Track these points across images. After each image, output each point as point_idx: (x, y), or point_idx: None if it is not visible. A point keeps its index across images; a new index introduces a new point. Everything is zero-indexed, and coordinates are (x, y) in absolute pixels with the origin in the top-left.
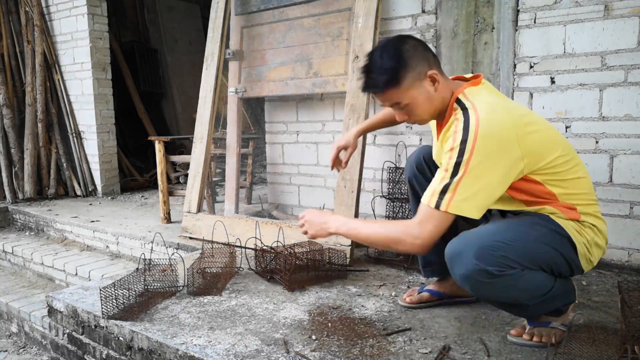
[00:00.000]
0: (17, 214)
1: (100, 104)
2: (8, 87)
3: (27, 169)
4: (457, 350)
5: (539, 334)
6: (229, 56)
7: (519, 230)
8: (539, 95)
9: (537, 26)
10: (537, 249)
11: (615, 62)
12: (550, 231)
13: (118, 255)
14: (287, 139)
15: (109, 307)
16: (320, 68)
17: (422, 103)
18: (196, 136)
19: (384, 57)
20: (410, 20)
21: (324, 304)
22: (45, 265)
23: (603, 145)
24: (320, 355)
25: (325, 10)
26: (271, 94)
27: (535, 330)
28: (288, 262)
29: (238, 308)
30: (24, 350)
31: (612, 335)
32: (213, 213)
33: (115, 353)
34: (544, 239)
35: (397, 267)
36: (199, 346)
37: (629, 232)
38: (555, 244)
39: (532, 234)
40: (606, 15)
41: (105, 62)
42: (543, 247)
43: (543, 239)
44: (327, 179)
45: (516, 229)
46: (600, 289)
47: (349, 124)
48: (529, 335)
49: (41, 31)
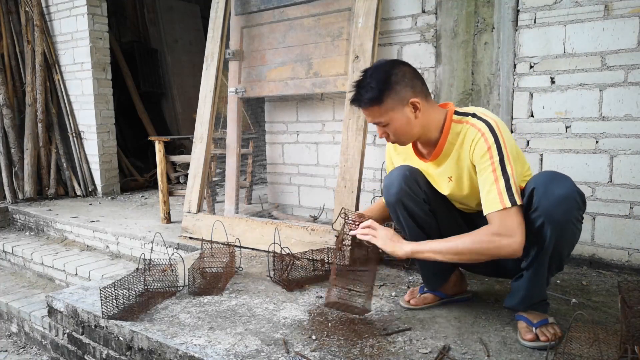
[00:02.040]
0: (17, 214)
1: (100, 104)
2: (8, 87)
3: (27, 169)
4: (457, 350)
5: (543, 332)
6: (229, 56)
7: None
8: (538, 95)
9: (537, 26)
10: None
11: (615, 62)
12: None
13: (118, 255)
14: (287, 139)
15: (109, 307)
16: (320, 68)
17: (401, 126)
18: (196, 136)
19: (374, 77)
20: (410, 20)
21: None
22: (45, 265)
23: (603, 145)
24: (320, 355)
25: (325, 10)
26: (271, 94)
27: (539, 330)
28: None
29: (238, 308)
30: (24, 350)
31: (612, 335)
32: (213, 213)
33: (115, 353)
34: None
35: (397, 267)
36: (199, 346)
37: (629, 232)
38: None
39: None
40: (606, 15)
41: (105, 62)
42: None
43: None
44: (327, 179)
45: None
46: (600, 289)
47: (349, 124)
48: (535, 336)
49: (41, 31)
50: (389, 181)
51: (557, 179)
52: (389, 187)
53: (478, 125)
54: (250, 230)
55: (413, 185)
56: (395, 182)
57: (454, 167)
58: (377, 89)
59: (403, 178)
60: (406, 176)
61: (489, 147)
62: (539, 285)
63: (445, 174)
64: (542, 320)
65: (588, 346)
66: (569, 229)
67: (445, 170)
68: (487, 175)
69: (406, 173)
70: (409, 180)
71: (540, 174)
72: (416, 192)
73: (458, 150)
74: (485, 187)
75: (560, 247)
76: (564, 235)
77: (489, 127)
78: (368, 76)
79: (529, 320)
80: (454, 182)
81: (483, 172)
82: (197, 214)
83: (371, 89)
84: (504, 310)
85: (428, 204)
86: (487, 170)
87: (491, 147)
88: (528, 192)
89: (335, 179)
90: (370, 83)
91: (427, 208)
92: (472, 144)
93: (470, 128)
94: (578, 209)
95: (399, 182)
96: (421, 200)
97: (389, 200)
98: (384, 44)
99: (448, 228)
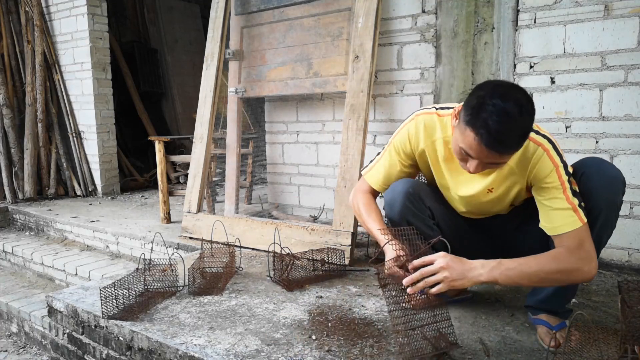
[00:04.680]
0: (17, 214)
1: (100, 104)
2: (8, 87)
3: (27, 169)
4: (457, 350)
5: (563, 337)
6: (229, 56)
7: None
8: (539, 95)
9: (537, 26)
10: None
11: (615, 62)
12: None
13: (118, 255)
14: (287, 139)
15: (109, 307)
16: (320, 68)
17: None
18: (196, 136)
19: (525, 118)
20: (410, 20)
21: (324, 304)
22: (45, 265)
23: (603, 145)
24: (320, 355)
25: (325, 10)
26: (271, 94)
27: (559, 334)
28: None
29: (238, 308)
30: (24, 350)
31: (612, 335)
32: (213, 213)
33: (115, 353)
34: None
35: None
36: (199, 346)
37: (629, 232)
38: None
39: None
40: (606, 15)
41: (105, 62)
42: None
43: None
44: (327, 179)
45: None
46: (600, 289)
47: (349, 124)
48: (559, 340)
49: (41, 31)
50: (391, 197)
51: (607, 163)
52: (392, 204)
53: (539, 140)
54: (250, 230)
55: (417, 203)
56: (399, 200)
57: (500, 179)
58: (522, 138)
59: (406, 195)
60: (409, 193)
61: (556, 167)
62: None
63: (487, 185)
64: (561, 324)
65: (588, 346)
66: (613, 213)
67: (488, 182)
68: (556, 195)
69: (409, 190)
70: (413, 197)
71: (587, 159)
72: (420, 209)
73: (511, 164)
74: (556, 205)
75: (602, 232)
76: (609, 219)
77: (551, 143)
78: (517, 114)
79: (549, 324)
80: (495, 194)
81: (551, 192)
82: (197, 214)
83: (524, 134)
84: (504, 310)
85: (433, 218)
86: (557, 190)
87: (559, 167)
88: (576, 177)
89: (335, 179)
90: (523, 127)
91: (432, 223)
92: (534, 159)
93: (530, 143)
94: (623, 192)
95: (402, 200)
96: (426, 217)
97: (392, 218)
98: (384, 44)
99: (454, 238)
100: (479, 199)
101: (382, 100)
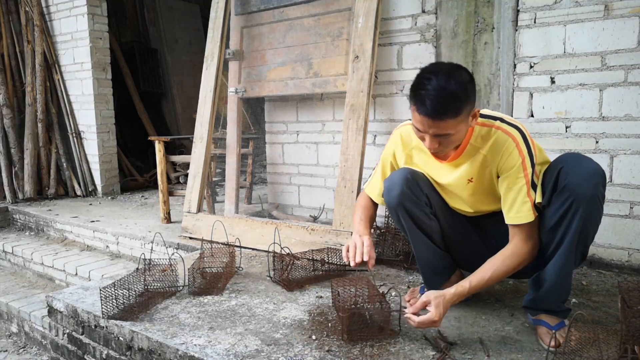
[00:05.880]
0: (17, 214)
1: (100, 104)
2: (8, 87)
3: (27, 169)
4: (457, 350)
5: (562, 336)
6: (229, 56)
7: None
8: (538, 95)
9: (537, 26)
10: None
11: (615, 62)
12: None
13: (118, 255)
14: (287, 139)
15: (109, 307)
16: (320, 68)
17: (460, 137)
18: (196, 136)
19: (452, 85)
20: (410, 20)
21: (324, 304)
22: (45, 265)
23: (603, 145)
24: (320, 355)
25: (325, 10)
26: (271, 94)
27: (558, 333)
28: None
29: (238, 308)
30: (24, 350)
31: (612, 335)
32: (213, 213)
33: (115, 353)
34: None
35: (397, 267)
36: (199, 346)
37: (629, 232)
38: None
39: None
40: (606, 15)
41: (105, 62)
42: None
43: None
44: (327, 179)
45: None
46: (600, 289)
47: (349, 124)
48: (559, 339)
49: (41, 31)
50: (389, 184)
51: (585, 157)
52: (390, 189)
53: (509, 131)
54: (250, 230)
55: (415, 189)
56: (397, 184)
57: (477, 169)
58: (458, 98)
59: (404, 181)
60: (408, 179)
61: (523, 159)
62: (566, 274)
63: (465, 175)
64: (560, 323)
65: (588, 346)
66: (595, 206)
67: (465, 172)
68: (520, 187)
69: (408, 176)
70: (411, 183)
71: (565, 155)
72: (418, 195)
73: (484, 154)
74: (519, 197)
75: (587, 227)
76: (592, 212)
77: (521, 134)
78: (443, 83)
79: (548, 324)
80: (475, 184)
81: (515, 182)
82: (197, 214)
83: (454, 98)
84: (504, 310)
85: (430, 206)
86: (520, 182)
87: (525, 159)
88: (555, 172)
89: (335, 179)
90: (451, 92)
91: (429, 211)
92: (504, 151)
93: (501, 134)
94: (603, 185)
95: (400, 185)
96: (423, 204)
97: (390, 203)
98: (384, 44)
99: (450, 230)
100: (464, 191)
101: (382, 100)
